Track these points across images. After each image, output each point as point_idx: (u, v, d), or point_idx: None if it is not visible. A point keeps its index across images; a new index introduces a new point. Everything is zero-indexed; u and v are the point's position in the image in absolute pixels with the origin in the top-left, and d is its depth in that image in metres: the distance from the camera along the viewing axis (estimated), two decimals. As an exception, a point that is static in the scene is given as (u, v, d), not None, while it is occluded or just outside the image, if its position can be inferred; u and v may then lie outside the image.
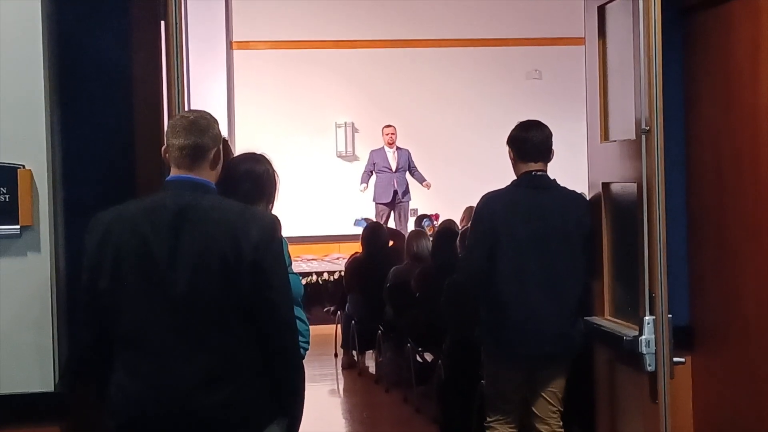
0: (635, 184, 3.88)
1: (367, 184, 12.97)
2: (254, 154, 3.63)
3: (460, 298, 5.57)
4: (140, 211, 2.96)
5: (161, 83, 3.86)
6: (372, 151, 12.98)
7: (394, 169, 12.77)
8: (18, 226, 3.41)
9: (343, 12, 13.66)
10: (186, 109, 3.65)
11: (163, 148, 3.06)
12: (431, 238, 7.53)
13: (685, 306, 4.39)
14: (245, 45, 13.40)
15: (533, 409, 4.49)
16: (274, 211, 3.47)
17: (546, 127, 4.49)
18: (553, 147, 4.50)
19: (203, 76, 9.78)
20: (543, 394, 4.46)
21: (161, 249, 2.87)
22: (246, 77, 13.20)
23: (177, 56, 3.63)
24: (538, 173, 4.41)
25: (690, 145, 4.38)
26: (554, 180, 4.45)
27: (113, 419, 2.95)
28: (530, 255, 4.31)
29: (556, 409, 4.47)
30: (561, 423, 4.50)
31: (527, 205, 4.37)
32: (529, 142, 4.42)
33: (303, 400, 3.08)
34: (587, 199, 4.50)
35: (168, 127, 3.06)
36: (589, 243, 4.37)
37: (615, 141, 4.21)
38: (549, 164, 4.48)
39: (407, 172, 12.87)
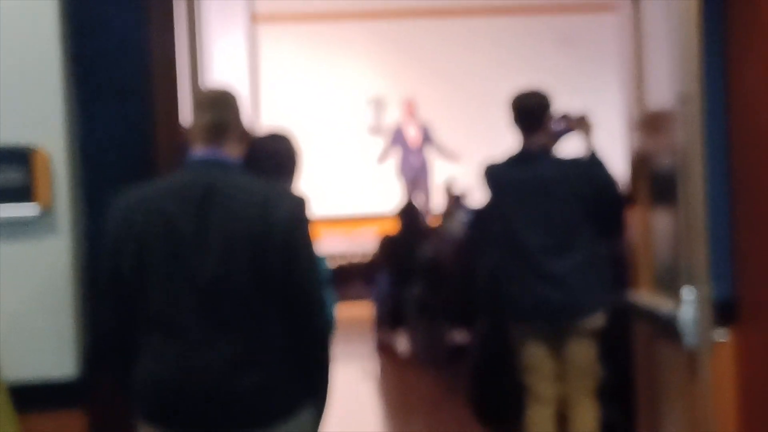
0: (674, 153, 3.76)
1: (383, 161, 12.77)
2: (278, 131, 3.56)
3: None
4: (165, 190, 2.88)
5: (181, 60, 3.76)
6: (395, 127, 12.81)
7: (412, 144, 12.62)
8: (37, 208, 3.34)
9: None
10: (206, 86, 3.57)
11: (187, 125, 2.97)
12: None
13: (728, 279, 4.25)
14: (268, 18, 13.26)
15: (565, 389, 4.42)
16: (299, 190, 3.40)
17: (536, 96, 4.47)
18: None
19: (225, 51, 9.71)
20: (568, 371, 4.38)
21: (188, 229, 2.78)
22: (270, 51, 13.07)
23: (197, 31, 3.55)
24: (527, 150, 4.44)
25: (731, 111, 4.24)
26: (545, 152, 4.46)
27: (141, 405, 2.89)
28: (529, 229, 4.36)
29: (584, 390, 4.36)
30: (593, 405, 4.38)
31: (520, 181, 4.43)
32: (516, 113, 4.46)
33: (329, 380, 3.02)
34: (584, 162, 4.50)
35: (192, 102, 2.99)
36: (599, 205, 4.39)
37: (652, 109, 4.08)
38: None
39: (427, 148, 12.67)
